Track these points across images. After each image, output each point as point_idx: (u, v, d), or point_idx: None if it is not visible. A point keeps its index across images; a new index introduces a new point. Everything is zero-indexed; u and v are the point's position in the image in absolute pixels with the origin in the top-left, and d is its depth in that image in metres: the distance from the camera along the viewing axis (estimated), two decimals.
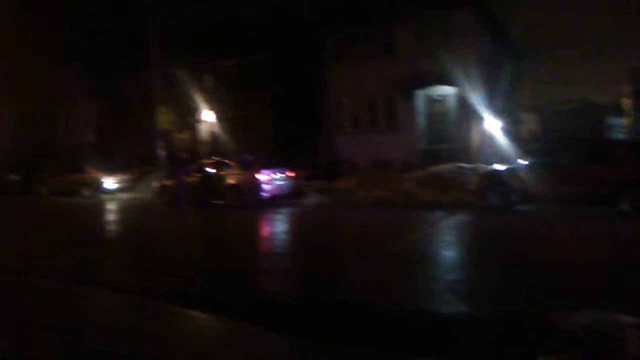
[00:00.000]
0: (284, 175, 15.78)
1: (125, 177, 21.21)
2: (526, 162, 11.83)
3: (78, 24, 24.58)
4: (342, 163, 18.59)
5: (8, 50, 26.95)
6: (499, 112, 19.73)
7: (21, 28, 24.87)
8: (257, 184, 14.85)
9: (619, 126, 30.46)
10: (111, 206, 17.42)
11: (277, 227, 12.30)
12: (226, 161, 15.91)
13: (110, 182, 20.32)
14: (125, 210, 16.17)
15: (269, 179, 15.07)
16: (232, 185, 15.17)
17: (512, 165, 12.36)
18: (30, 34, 25.21)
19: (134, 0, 23.38)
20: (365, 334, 4.83)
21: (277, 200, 15.47)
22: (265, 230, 12.05)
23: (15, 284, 6.87)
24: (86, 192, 20.18)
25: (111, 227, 13.48)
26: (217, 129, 27.69)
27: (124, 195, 20.17)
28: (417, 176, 15.49)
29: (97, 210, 16.67)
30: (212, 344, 4.58)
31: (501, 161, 14.62)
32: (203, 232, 12.47)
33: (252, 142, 25.90)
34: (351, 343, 4.49)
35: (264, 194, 14.92)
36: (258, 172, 14.99)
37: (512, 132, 23.01)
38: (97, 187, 20.15)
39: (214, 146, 27.31)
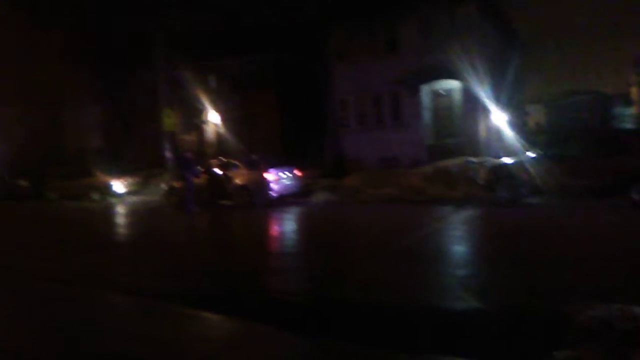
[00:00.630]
0: (291, 174, 15.77)
1: (133, 180, 21.27)
2: (534, 155, 11.74)
3: (83, 27, 24.66)
4: (348, 161, 18.55)
5: (13, 55, 27.11)
6: (505, 104, 19.62)
7: (26, 32, 24.97)
8: (264, 183, 14.84)
9: (628, 116, 30.23)
10: (120, 209, 17.49)
11: (286, 226, 12.30)
12: (233, 161, 15.91)
13: (118, 186, 20.38)
14: (135, 213, 16.23)
15: (277, 179, 15.06)
16: (240, 186, 15.17)
17: (520, 158, 12.27)
18: (36, 38, 25.30)
19: (138, 3, 23.41)
20: (376, 331, 4.81)
21: (285, 200, 15.46)
22: (274, 229, 12.05)
23: (27, 288, 6.91)
24: (95, 196, 20.27)
25: (121, 230, 13.54)
26: (222, 129, 27.74)
27: (133, 198, 20.25)
28: (425, 172, 15.43)
29: (107, 213, 16.74)
30: (224, 344, 4.58)
31: (509, 154, 14.53)
32: (212, 233, 12.50)
33: (258, 141, 25.92)
34: (362, 341, 4.47)
35: (272, 194, 14.91)
36: (265, 171, 14.98)
37: (518, 124, 22.89)
38: (106, 190, 20.23)
39: (220, 147, 27.37)
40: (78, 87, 30.23)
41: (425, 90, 20.74)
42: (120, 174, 21.20)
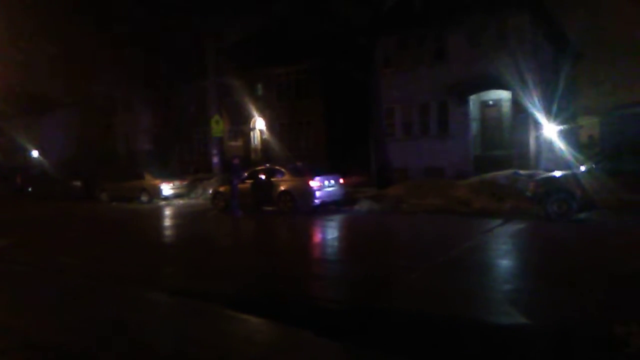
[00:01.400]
0: (335, 182, 15.81)
1: (180, 183, 21.78)
2: (586, 168, 11.36)
3: (137, 35, 25.51)
4: (393, 170, 18.43)
5: (69, 61, 28.28)
6: (556, 116, 19.09)
7: (82, 39, 25.99)
8: (308, 190, 14.93)
9: None
10: (167, 212, 17.93)
11: (328, 233, 12.32)
12: (278, 168, 16.08)
13: (166, 189, 20.90)
14: (181, 216, 16.61)
15: (320, 186, 15.12)
16: (284, 192, 15.31)
17: (572, 172, 11.89)
18: (90, 44, 26.31)
19: (189, 12, 24.07)
20: (419, 343, 4.76)
21: (328, 207, 15.50)
22: (318, 236, 12.08)
23: (75, 286, 7.18)
24: (144, 198, 20.84)
25: (168, 232, 13.88)
26: (268, 136, 28.11)
27: (180, 201, 20.73)
28: (471, 183, 15.17)
29: (154, 215, 17.19)
30: (268, 349, 4.62)
31: (560, 167, 14.09)
32: (257, 238, 12.65)
33: (303, 149, 26.18)
34: (405, 352, 4.43)
35: (316, 201, 14.98)
36: (310, 178, 15.07)
37: (571, 137, 22.22)
38: (155, 193, 20.77)
39: (266, 153, 27.75)
40: (130, 94, 31.32)
41: (473, 100, 20.44)
42: (168, 177, 21.74)
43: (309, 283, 7.39)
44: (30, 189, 27.13)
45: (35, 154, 37.06)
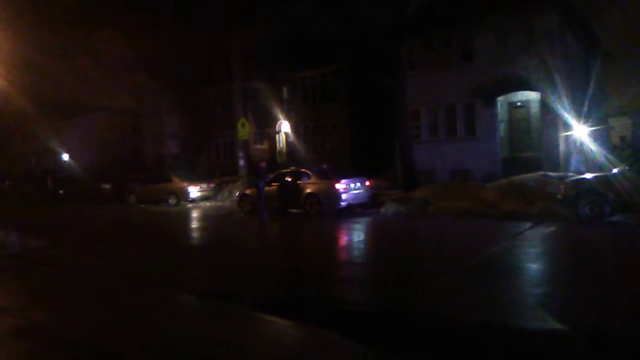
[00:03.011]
0: (361, 184, 15.77)
1: (207, 186, 22.00)
2: (620, 170, 11.09)
3: (164, 38, 25.87)
4: (419, 172, 18.28)
5: (97, 64, 28.82)
6: (586, 117, 18.69)
7: (109, 43, 26.45)
8: (334, 193, 14.93)
9: None
10: (195, 214, 18.13)
11: (355, 236, 12.28)
12: (304, 170, 16.11)
13: (193, 191, 21.13)
14: (208, 218, 16.77)
15: (346, 188, 15.10)
16: (310, 194, 15.34)
17: (604, 174, 11.62)
18: (118, 48, 26.75)
19: (217, 16, 24.32)
20: (446, 348, 4.69)
21: (354, 210, 15.47)
22: (344, 239, 12.06)
23: (104, 287, 7.31)
24: (172, 201, 21.11)
25: (195, 234, 14.04)
26: (294, 139, 28.20)
27: (207, 204, 20.93)
28: (499, 185, 14.95)
29: (182, 218, 17.41)
30: (295, 351, 4.62)
31: (591, 169, 13.80)
32: (283, 241, 12.70)
33: (329, 151, 26.19)
34: (432, 357, 4.38)
35: (342, 204, 14.96)
36: (336, 181, 15.06)
37: (602, 138, 21.75)
38: (182, 195, 21.03)
39: (292, 156, 27.85)
40: (158, 97, 31.78)
41: (501, 102, 20.16)
42: (195, 180, 22.00)
43: (335, 285, 7.37)
44: (61, 192, 27.75)
45: (65, 157, 37.92)
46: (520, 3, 18.39)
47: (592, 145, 18.17)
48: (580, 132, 18.54)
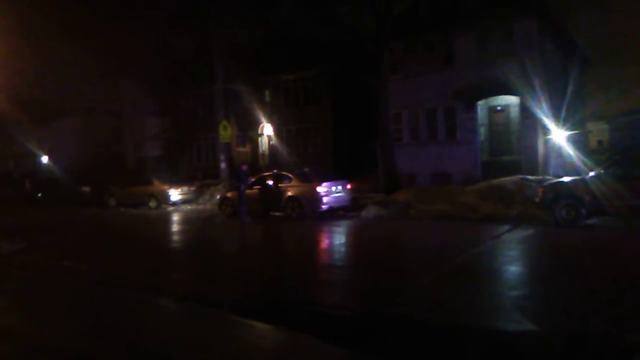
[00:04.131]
0: (342, 187, 15.81)
1: (188, 189, 21.84)
2: (596, 174, 11.28)
3: (144, 40, 25.61)
4: (400, 175, 18.39)
5: (76, 66, 28.44)
6: (565, 121, 18.98)
7: (88, 44, 26.07)
8: (316, 196, 14.94)
9: None
10: (175, 217, 17.99)
11: (336, 239, 12.31)
12: (285, 174, 16.10)
13: (174, 194, 20.95)
14: (189, 222, 16.66)
15: (328, 191, 15.13)
16: (291, 197, 15.33)
17: (581, 177, 11.82)
18: (96, 50, 26.38)
19: (198, 18, 24.20)
20: (426, 350, 4.73)
21: (335, 213, 15.50)
22: (325, 242, 12.08)
23: (84, 292, 7.22)
24: (152, 204, 20.91)
25: (176, 238, 13.93)
26: (276, 142, 28.16)
27: (188, 207, 20.78)
28: (479, 189, 15.10)
29: (162, 221, 17.26)
30: (274, 355, 4.62)
31: (568, 173, 14.01)
32: (264, 244, 12.67)
33: (311, 154, 26.21)
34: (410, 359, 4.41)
35: (323, 207, 14.98)
36: (317, 184, 15.08)
37: (579, 142, 22.09)
38: (163, 198, 20.83)
39: (274, 159, 27.80)
40: (138, 99, 31.47)
41: (481, 106, 20.38)
42: (176, 182, 21.80)
43: (315, 289, 7.38)
44: (39, 195, 27.29)
45: (44, 159, 37.33)
46: (499, 8, 18.62)
47: (570, 149, 18.44)
48: (558, 136, 18.82)
